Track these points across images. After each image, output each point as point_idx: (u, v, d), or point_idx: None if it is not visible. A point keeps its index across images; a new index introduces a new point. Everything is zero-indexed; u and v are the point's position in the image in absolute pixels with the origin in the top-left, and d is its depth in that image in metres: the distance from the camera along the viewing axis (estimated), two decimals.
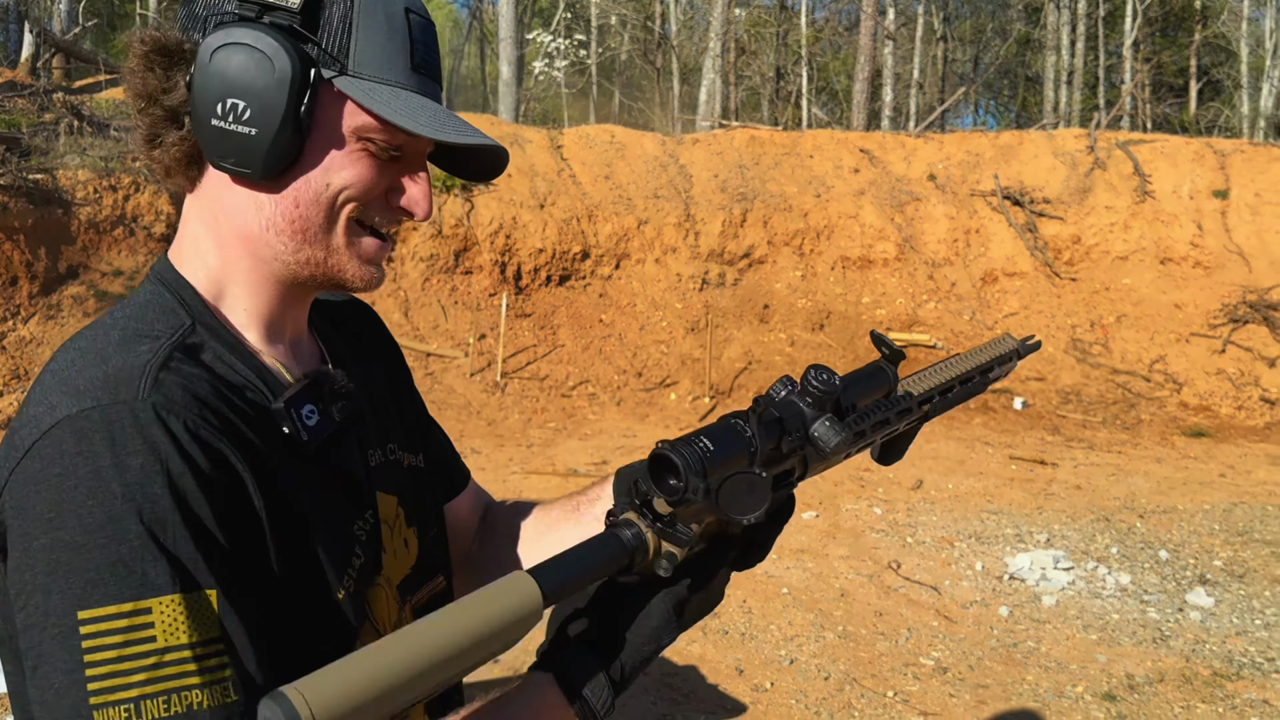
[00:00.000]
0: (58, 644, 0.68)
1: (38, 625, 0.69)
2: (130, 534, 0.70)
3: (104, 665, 0.68)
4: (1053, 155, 14.70)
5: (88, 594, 0.69)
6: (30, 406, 0.77)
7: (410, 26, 0.89)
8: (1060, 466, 8.97)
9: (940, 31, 26.26)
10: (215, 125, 0.84)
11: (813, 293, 12.71)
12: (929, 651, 4.73)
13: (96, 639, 0.68)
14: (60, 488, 0.71)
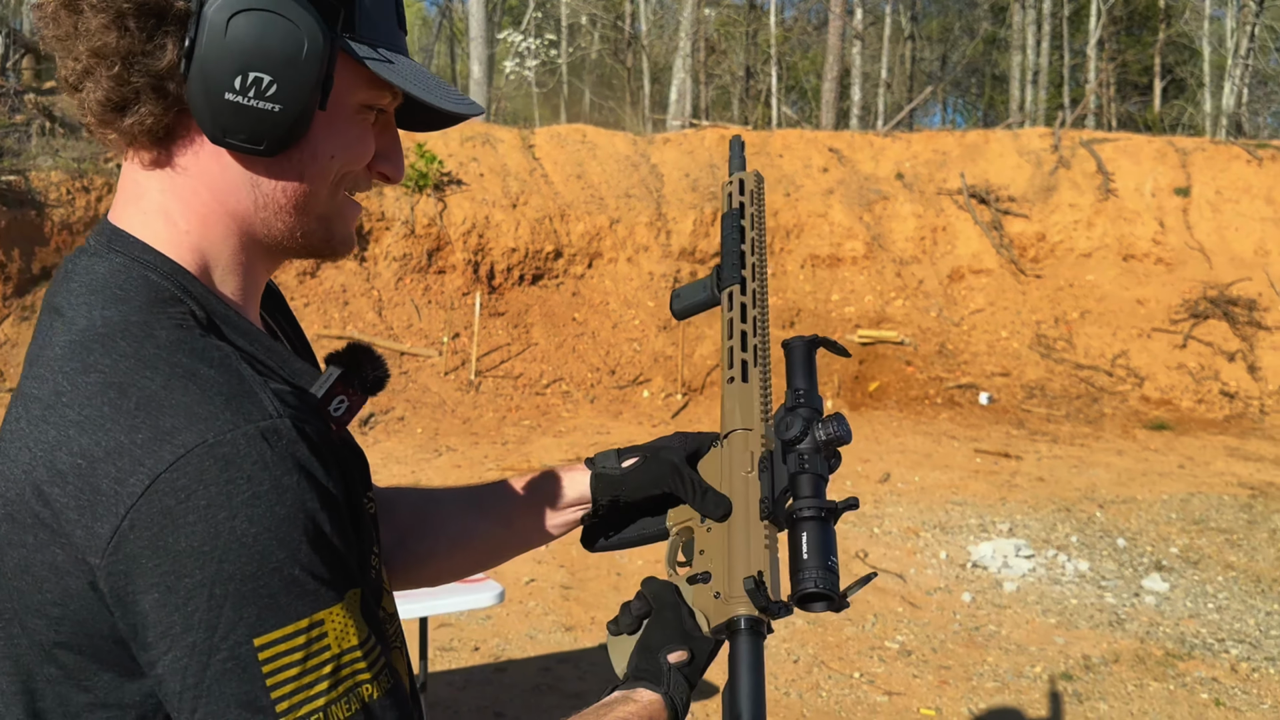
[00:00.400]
0: (232, 677, 0.66)
1: (196, 665, 0.67)
2: (300, 554, 0.68)
3: (287, 685, 0.67)
4: (1018, 154, 14.97)
5: (264, 620, 0.67)
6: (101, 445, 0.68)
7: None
8: (1024, 459, 9.19)
9: (908, 30, 26.57)
10: (229, 100, 0.75)
11: (783, 290, 12.89)
12: (894, 635, 4.90)
13: (276, 661, 0.67)
14: (213, 519, 0.66)
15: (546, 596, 5.22)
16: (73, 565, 0.69)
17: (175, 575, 0.66)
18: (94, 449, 0.68)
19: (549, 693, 4.06)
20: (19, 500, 0.72)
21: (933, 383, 11.87)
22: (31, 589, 0.71)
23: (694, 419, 10.37)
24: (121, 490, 0.67)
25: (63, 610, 0.71)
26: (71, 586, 0.70)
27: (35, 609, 0.72)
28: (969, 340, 12.77)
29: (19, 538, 0.72)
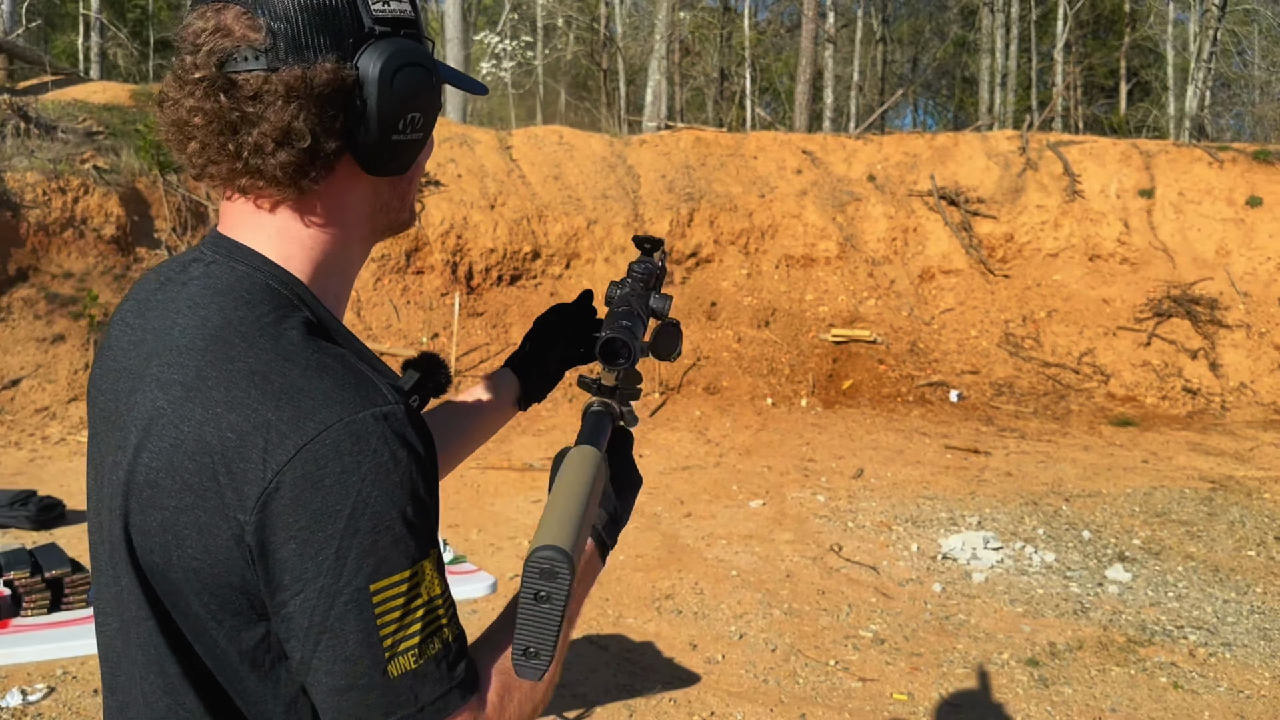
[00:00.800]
0: (352, 615, 0.80)
1: (322, 605, 0.80)
2: (406, 515, 0.82)
3: (392, 624, 0.81)
4: (986, 156, 15.23)
5: (379, 569, 0.80)
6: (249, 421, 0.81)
7: None
8: (993, 455, 9.41)
9: (879, 33, 26.85)
10: (395, 140, 0.91)
11: (758, 290, 13.07)
12: (868, 625, 5.07)
13: (385, 604, 0.81)
14: (346, 484, 0.80)
15: None
16: (218, 523, 0.82)
17: (312, 529, 0.80)
18: (243, 424, 0.82)
19: None
20: (165, 469, 0.85)
21: (904, 380, 12.08)
22: (173, 546, 0.85)
23: (672, 416, 10.52)
24: (269, 459, 0.80)
25: (200, 563, 0.84)
26: (214, 543, 0.83)
27: (174, 563, 0.85)
28: (939, 339, 13.00)
29: (163, 501, 0.85)
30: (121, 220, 10.56)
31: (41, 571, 2.54)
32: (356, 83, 0.89)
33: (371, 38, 0.91)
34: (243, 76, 0.87)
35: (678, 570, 5.80)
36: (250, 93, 0.87)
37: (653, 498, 7.53)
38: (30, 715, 3.74)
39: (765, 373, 11.89)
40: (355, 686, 0.81)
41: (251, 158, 0.88)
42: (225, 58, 0.87)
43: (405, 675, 0.82)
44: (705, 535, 6.55)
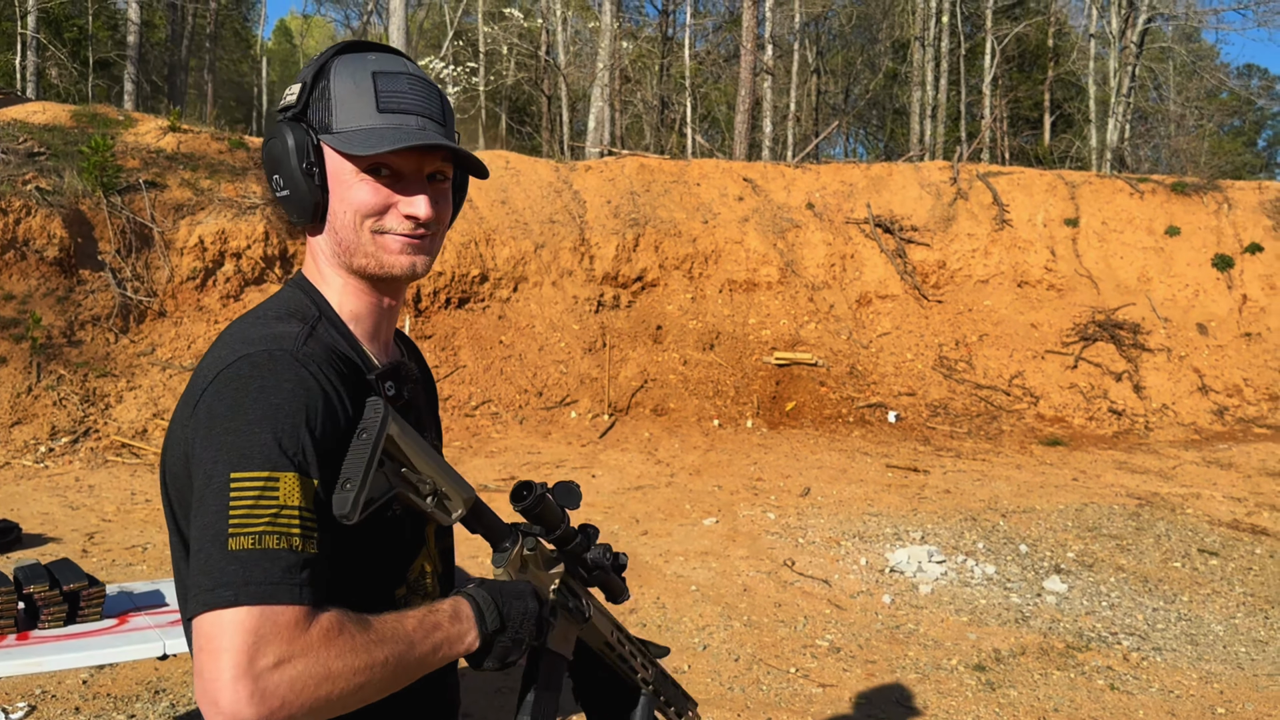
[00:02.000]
0: (214, 494, 1.00)
1: (203, 484, 1.01)
2: (277, 428, 1.03)
3: (242, 509, 0.98)
4: (919, 186, 15.74)
5: (241, 462, 1.00)
6: (211, 356, 1.12)
7: (375, 82, 1.20)
8: (931, 473, 9.75)
9: (813, 65, 27.52)
10: (278, 196, 1.22)
11: (703, 314, 13.34)
12: (823, 635, 5.29)
13: (240, 492, 0.99)
14: (236, 395, 1.04)
15: None
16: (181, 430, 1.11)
17: (209, 426, 1.05)
18: (207, 361, 1.14)
19: (511, 694, 4.31)
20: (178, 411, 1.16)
21: (845, 402, 12.43)
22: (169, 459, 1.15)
23: (621, 438, 10.70)
24: (204, 379, 1.10)
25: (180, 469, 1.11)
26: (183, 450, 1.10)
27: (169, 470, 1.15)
28: (877, 362, 13.39)
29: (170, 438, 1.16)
30: (65, 242, 10.44)
31: (59, 585, 2.62)
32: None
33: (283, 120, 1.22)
34: None
35: (639, 586, 5.96)
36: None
37: (609, 516, 7.69)
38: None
39: (711, 394, 12.14)
40: (202, 550, 0.99)
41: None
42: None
43: (241, 552, 0.96)
44: (663, 552, 6.73)
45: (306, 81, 1.21)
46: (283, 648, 0.94)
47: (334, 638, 0.98)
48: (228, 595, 0.95)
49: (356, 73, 1.20)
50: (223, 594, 0.95)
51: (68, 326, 10.15)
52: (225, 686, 0.91)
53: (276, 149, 1.20)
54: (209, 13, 27.21)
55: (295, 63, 40.56)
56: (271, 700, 0.92)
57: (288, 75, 41.06)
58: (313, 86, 1.21)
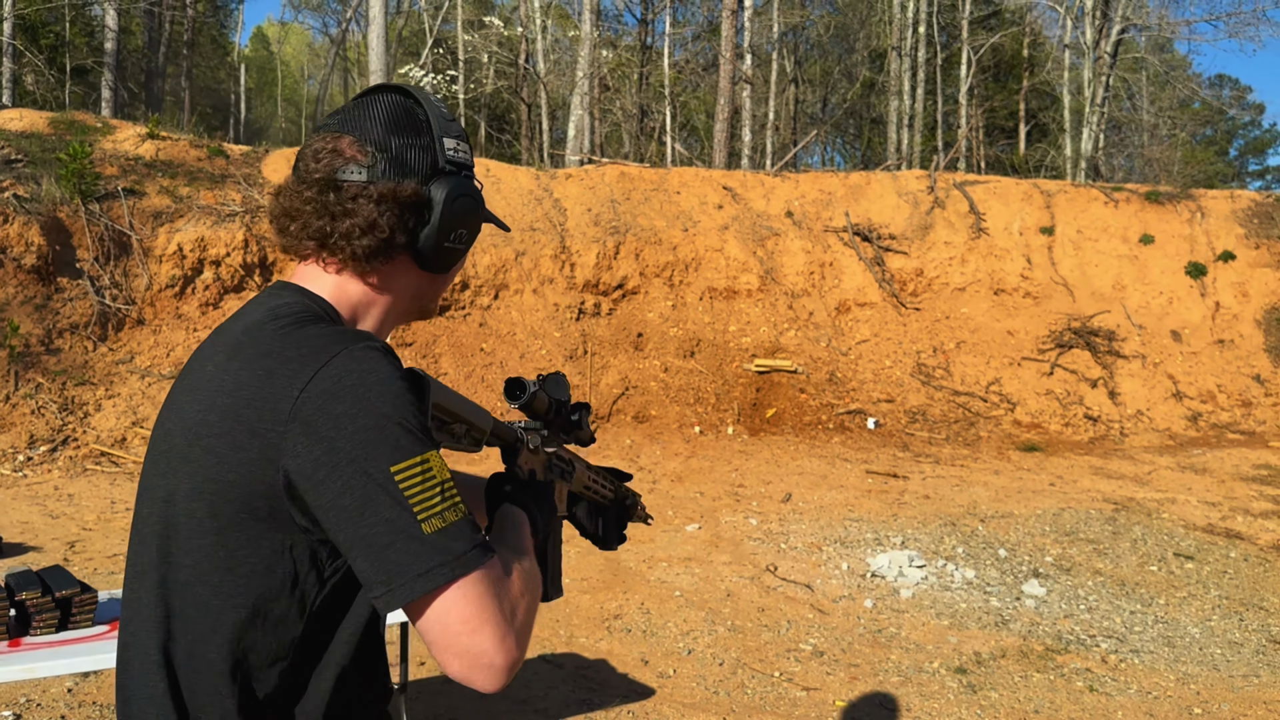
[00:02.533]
0: (383, 492, 1.04)
1: (358, 488, 1.04)
2: (408, 417, 1.08)
3: (416, 496, 1.05)
4: (897, 194, 15.88)
5: (395, 455, 1.05)
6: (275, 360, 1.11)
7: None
8: (910, 479, 9.83)
9: (791, 74, 27.70)
10: (446, 246, 1.28)
11: (683, 321, 13.40)
12: (807, 639, 5.34)
13: (406, 481, 1.05)
14: (357, 393, 1.07)
15: None
16: (250, 440, 1.09)
17: (336, 431, 1.06)
18: (270, 364, 1.12)
19: (498, 700, 4.34)
20: (210, 408, 1.13)
21: (824, 409, 12.51)
22: (213, 466, 1.11)
23: (603, 445, 10.72)
24: (294, 382, 1.09)
25: (235, 475, 1.10)
26: (245, 456, 1.09)
27: (212, 479, 1.11)
28: (856, 369, 13.48)
29: (207, 433, 1.12)
30: (43, 249, 10.38)
31: (51, 592, 2.63)
32: (428, 201, 1.26)
33: (442, 173, 1.27)
34: (347, 183, 1.23)
35: (623, 592, 5.99)
36: (351, 195, 1.23)
37: None
38: None
39: (692, 401, 12.19)
40: (397, 542, 1.04)
41: (339, 239, 1.24)
42: (338, 169, 1.24)
43: (436, 533, 1.05)
44: (646, 558, 6.77)
45: (469, 143, 1.34)
46: (506, 597, 1.09)
47: (515, 572, 1.14)
48: (444, 574, 1.04)
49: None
50: (439, 574, 1.04)
51: (46, 334, 10.08)
52: (494, 647, 1.05)
53: (472, 208, 1.29)
54: (186, 20, 27.08)
55: (272, 70, 40.40)
56: (522, 642, 1.09)
57: (265, 82, 40.89)
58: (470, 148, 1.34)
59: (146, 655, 1.15)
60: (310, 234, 1.25)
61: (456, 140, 1.30)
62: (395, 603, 1.05)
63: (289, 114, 39.70)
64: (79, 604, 2.67)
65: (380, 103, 1.28)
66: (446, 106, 1.37)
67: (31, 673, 2.46)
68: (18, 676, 2.48)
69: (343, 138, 1.25)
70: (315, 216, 1.24)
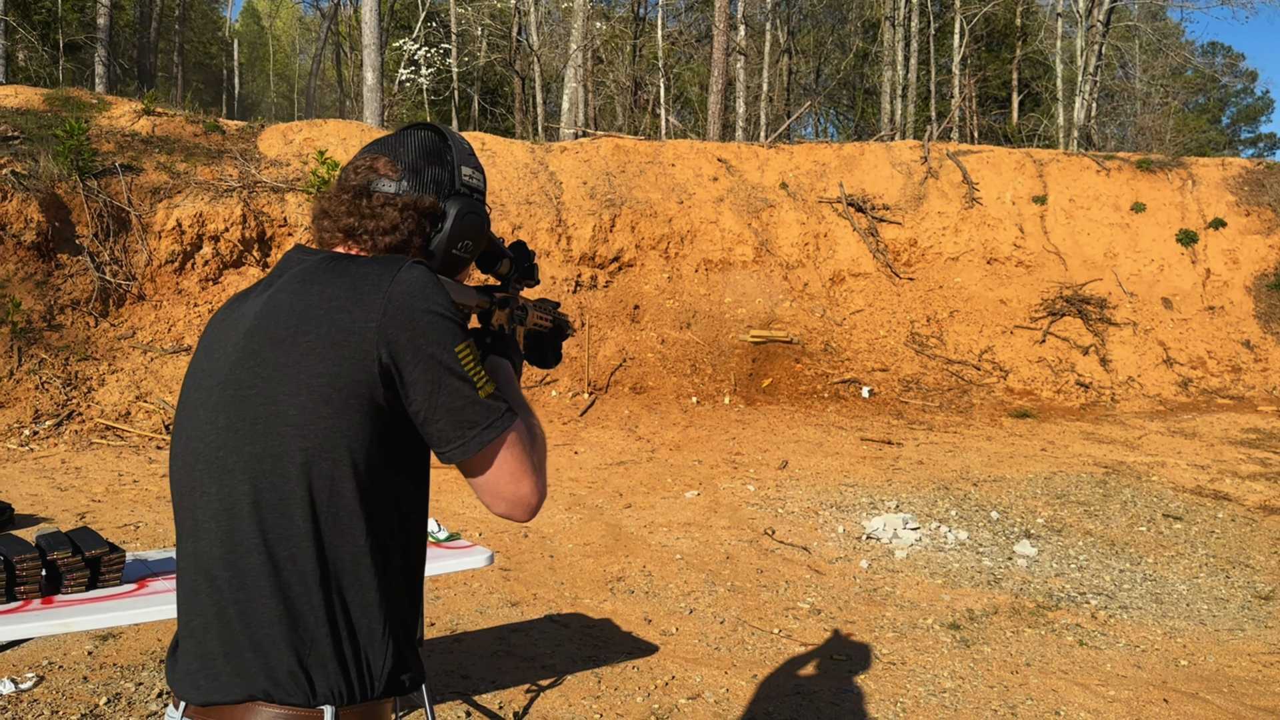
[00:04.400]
0: (452, 367, 1.35)
1: (435, 366, 1.34)
2: (455, 311, 1.38)
3: (471, 370, 1.37)
4: (890, 165, 15.95)
5: (454, 340, 1.36)
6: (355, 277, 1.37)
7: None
8: (905, 446, 9.98)
9: (784, 44, 27.64)
10: (454, 254, 1.55)
11: (679, 294, 13.49)
12: (804, 598, 5.49)
13: (465, 359, 1.36)
14: (424, 294, 1.36)
15: (488, 578, 5.62)
16: (347, 338, 1.33)
17: (414, 322, 1.34)
18: (353, 280, 1.37)
19: (507, 657, 4.48)
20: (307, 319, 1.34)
21: (820, 378, 12.64)
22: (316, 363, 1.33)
23: (601, 416, 10.85)
24: (378, 287, 1.35)
25: (338, 369, 1.32)
26: (345, 352, 1.33)
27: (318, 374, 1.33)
28: (851, 338, 13.60)
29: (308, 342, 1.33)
30: (42, 226, 10.43)
31: (81, 551, 2.75)
32: (442, 213, 1.53)
33: (457, 194, 1.55)
34: (378, 193, 1.51)
35: (625, 556, 6.14)
36: (380, 201, 1.50)
37: (592, 491, 7.86)
38: (25, 702, 3.88)
39: (689, 372, 12.31)
40: (467, 405, 1.36)
41: (367, 235, 1.51)
42: (371, 181, 1.52)
43: (489, 396, 1.38)
44: (647, 524, 6.91)
45: (483, 174, 1.63)
46: (532, 448, 1.43)
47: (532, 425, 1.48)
48: (500, 427, 1.38)
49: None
50: (498, 426, 1.37)
51: (47, 310, 10.16)
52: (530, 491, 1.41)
53: (479, 224, 1.56)
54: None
55: (264, 44, 40.17)
56: (545, 484, 1.44)
57: (256, 57, 40.65)
58: (484, 179, 1.63)
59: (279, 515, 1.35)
60: (341, 228, 1.50)
61: (472, 170, 1.59)
62: (470, 450, 1.36)
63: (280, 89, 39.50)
64: (107, 563, 2.79)
65: (415, 135, 1.56)
66: (468, 144, 1.62)
67: (66, 628, 2.57)
68: (52, 631, 2.59)
69: (380, 158, 1.53)
70: (347, 215, 1.50)
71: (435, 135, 1.58)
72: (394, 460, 1.39)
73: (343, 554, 1.34)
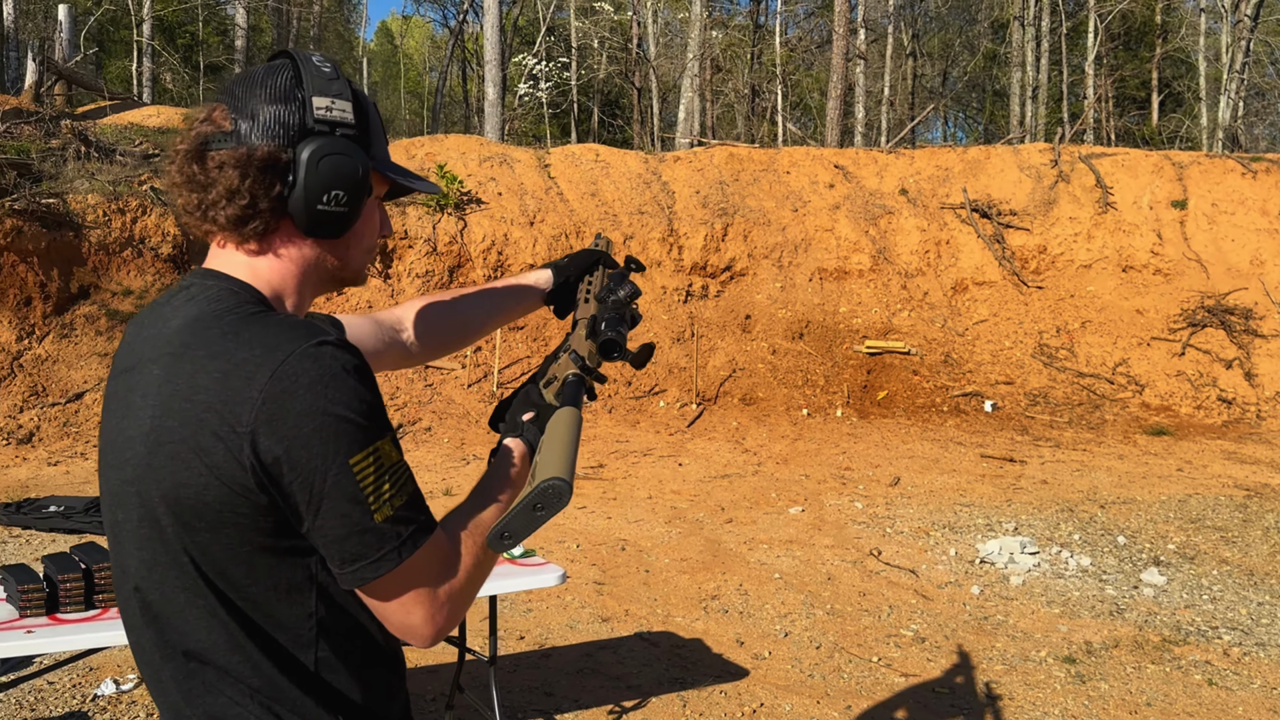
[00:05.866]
0: (341, 484, 1.09)
1: (318, 481, 1.09)
2: (362, 410, 1.11)
3: (370, 486, 1.11)
4: (1018, 169, 15.35)
5: (351, 448, 1.10)
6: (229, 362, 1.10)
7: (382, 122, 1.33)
8: (1028, 464, 9.53)
9: (909, 48, 27.02)
10: (320, 209, 1.22)
11: (792, 303, 13.26)
12: (908, 624, 5.25)
13: (362, 473, 1.10)
14: (313, 391, 1.09)
15: (581, 592, 5.57)
16: (215, 444, 1.10)
17: (296, 429, 1.09)
18: (225, 366, 1.11)
19: (592, 675, 4.40)
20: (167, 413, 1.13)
21: (939, 391, 12.22)
22: (181, 471, 1.12)
23: (709, 427, 10.73)
24: (252, 384, 1.09)
25: (206, 479, 1.11)
26: (212, 460, 1.10)
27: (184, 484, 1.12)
28: (973, 350, 13.12)
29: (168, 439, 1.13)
30: (178, 239, 10.93)
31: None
32: (291, 163, 1.21)
33: (310, 133, 1.22)
34: (211, 152, 1.20)
35: (722, 573, 6.00)
36: (215, 164, 1.20)
37: (694, 504, 7.74)
38: (124, 703, 4.00)
39: (800, 384, 12.07)
40: (353, 533, 1.11)
41: (209, 210, 1.21)
42: (205, 139, 1.21)
43: (388, 520, 1.12)
44: (747, 540, 6.75)
45: (355, 103, 1.27)
46: (444, 573, 1.19)
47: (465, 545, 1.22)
48: (391, 560, 1.14)
49: (364, 97, 1.30)
50: (388, 561, 1.14)
51: None
52: (422, 624, 1.18)
53: (345, 167, 1.23)
54: (312, 16, 28.04)
55: (395, 63, 41.48)
56: (454, 612, 1.20)
57: (390, 76, 42.04)
58: (358, 109, 1.27)
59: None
60: (185, 207, 1.23)
61: (330, 100, 1.24)
62: (350, 585, 1.15)
63: (411, 106, 40.72)
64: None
65: (258, 69, 1.26)
66: (331, 65, 1.28)
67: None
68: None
69: (217, 106, 1.23)
70: (186, 187, 1.22)
71: (286, 63, 1.26)
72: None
73: None
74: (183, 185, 1.22)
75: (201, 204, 1.21)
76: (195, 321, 1.17)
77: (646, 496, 7.98)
